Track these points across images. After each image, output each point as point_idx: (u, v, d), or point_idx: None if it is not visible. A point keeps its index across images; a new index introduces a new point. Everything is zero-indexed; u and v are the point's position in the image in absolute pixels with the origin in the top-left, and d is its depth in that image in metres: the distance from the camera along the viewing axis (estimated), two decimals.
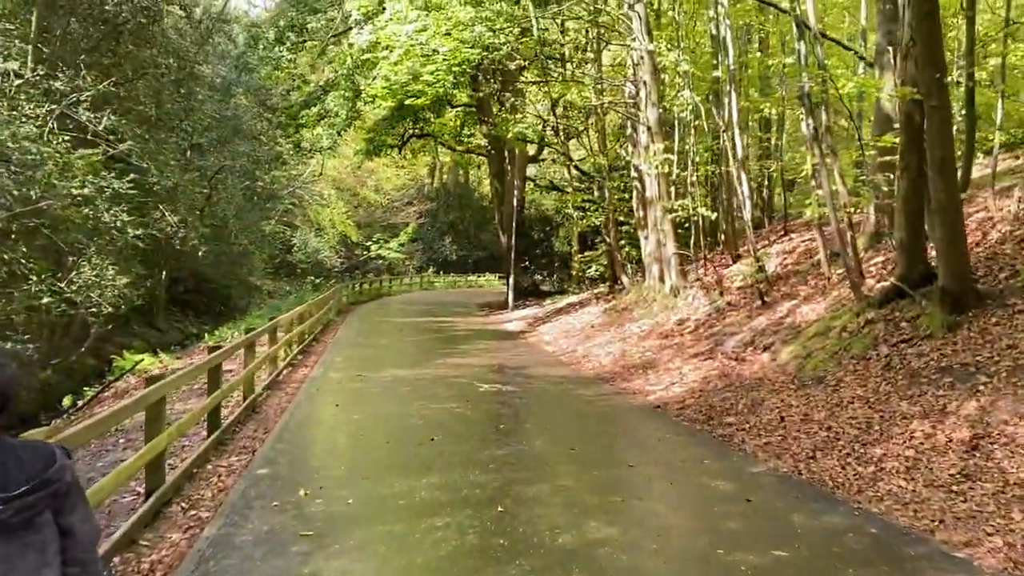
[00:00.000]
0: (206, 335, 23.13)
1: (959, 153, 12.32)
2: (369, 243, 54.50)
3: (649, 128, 17.08)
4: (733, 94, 15.89)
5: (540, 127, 28.42)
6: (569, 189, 25.43)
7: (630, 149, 20.26)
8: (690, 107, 16.63)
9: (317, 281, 46.86)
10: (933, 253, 10.63)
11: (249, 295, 40.51)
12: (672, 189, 17.61)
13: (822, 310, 12.39)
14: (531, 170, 36.02)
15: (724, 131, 16.65)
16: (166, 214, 20.71)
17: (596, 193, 23.70)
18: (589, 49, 23.08)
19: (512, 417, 10.39)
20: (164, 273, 31.18)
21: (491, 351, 18.04)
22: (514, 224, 30.70)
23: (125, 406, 5.87)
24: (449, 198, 63.71)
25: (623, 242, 22.26)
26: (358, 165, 44.90)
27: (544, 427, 9.76)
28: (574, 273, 26.34)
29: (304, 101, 33.09)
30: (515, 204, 31.36)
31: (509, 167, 32.78)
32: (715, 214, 16.55)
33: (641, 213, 20.09)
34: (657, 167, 16.78)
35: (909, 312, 10.18)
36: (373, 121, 38.50)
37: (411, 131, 37.33)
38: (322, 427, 10.05)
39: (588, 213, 23.96)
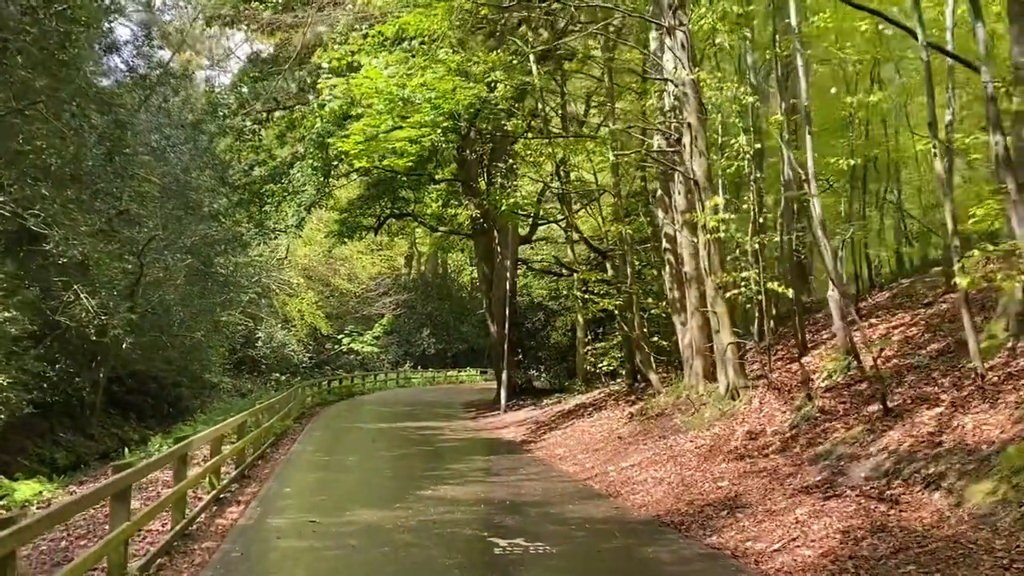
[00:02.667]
0: (125, 451, 18.50)
1: None
2: (341, 336, 49.96)
3: (696, 183, 13.34)
4: (809, 139, 12.26)
5: (537, 199, 24.89)
6: (577, 269, 21.53)
7: (660, 216, 16.52)
8: (749, 155, 12.96)
9: (283, 378, 42.29)
10: None
11: (204, 394, 35.84)
12: (723, 261, 13.76)
13: (1006, 423, 8.33)
14: (521, 252, 32.33)
15: (790, 188, 13.01)
16: (81, 295, 16.44)
17: (611, 272, 19.82)
18: (597, 99, 19.64)
19: None
20: (101, 370, 26.79)
21: (494, 473, 13.67)
22: (507, 311, 26.68)
23: None
24: (427, 288, 59.91)
25: (646, 330, 18.22)
26: (329, 250, 41.05)
27: None
28: (585, 367, 22.12)
29: (269, 175, 29.39)
30: (507, 289, 27.43)
31: (499, 248, 29.01)
32: (789, 290, 12.66)
33: (676, 294, 16.19)
34: (710, 232, 12.96)
35: None
36: (346, 200, 35.00)
37: (388, 211, 33.67)
38: None
39: (598, 297, 19.93)
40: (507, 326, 26.46)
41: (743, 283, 12.86)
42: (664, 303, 17.05)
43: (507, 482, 12.59)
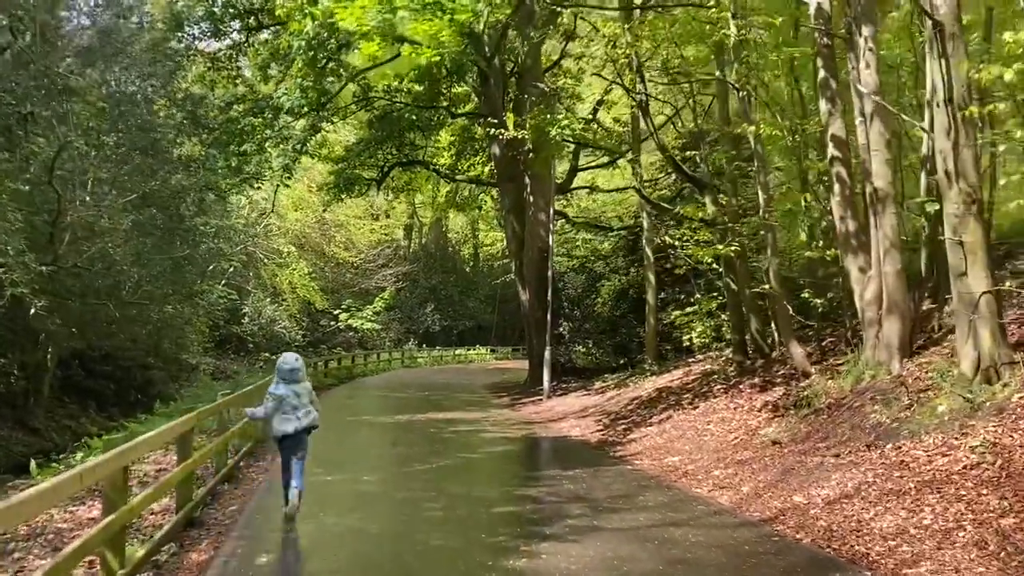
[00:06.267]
0: (32, 464, 13.17)
1: None
2: (337, 312, 44.50)
3: (939, 28, 7.98)
4: None
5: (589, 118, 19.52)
6: (665, 205, 16.19)
7: (824, 109, 11.15)
8: None
9: (272, 358, 36.97)
10: None
11: (182, 377, 30.58)
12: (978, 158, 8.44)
13: None
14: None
15: None
16: None
17: (711, 208, 14.50)
18: None
19: None
20: (47, 349, 21.71)
21: (602, 507, 8.35)
22: (547, 273, 21.36)
23: None
24: (430, 260, 54.60)
25: (771, 286, 12.93)
26: (324, 208, 35.61)
27: None
28: (686, 338, 16.76)
29: (250, 109, 23.92)
30: (546, 245, 22.14)
31: (532, 198, 23.70)
32: None
33: (849, 225, 10.87)
34: (965, 108, 7.67)
35: None
36: (343, 148, 29.60)
37: (394, 158, 28.23)
38: None
39: (685, 245, 14.62)
40: (548, 292, 21.15)
41: None
42: (820, 244, 11.69)
43: (639, 529, 7.34)
